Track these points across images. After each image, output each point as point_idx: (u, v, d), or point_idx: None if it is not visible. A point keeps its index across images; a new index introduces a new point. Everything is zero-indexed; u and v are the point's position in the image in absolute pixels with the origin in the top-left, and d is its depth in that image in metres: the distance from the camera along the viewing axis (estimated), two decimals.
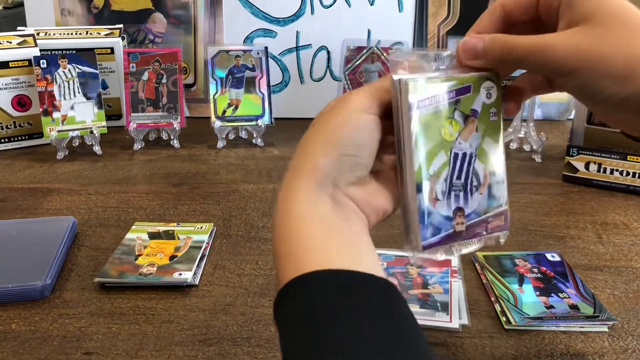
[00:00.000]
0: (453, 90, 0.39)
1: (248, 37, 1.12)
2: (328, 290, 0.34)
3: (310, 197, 0.38)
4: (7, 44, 0.96)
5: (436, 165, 0.39)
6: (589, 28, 0.36)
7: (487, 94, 0.41)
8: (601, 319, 0.52)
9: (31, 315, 0.55)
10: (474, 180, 0.41)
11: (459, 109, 0.40)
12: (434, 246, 0.40)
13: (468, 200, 0.41)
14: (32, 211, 0.75)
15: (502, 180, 0.42)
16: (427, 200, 0.39)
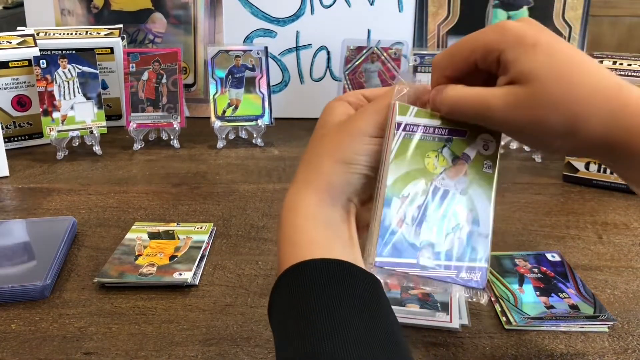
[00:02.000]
0: (446, 129, 0.40)
1: (248, 37, 1.12)
2: (323, 277, 0.36)
3: (320, 203, 0.40)
4: (7, 44, 0.96)
5: (412, 190, 0.40)
6: (526, 89, 0.36)
7: (485, 145, 0.41)
8: (601, 319, 0.52)
9: (31, 316, 0.55)
10: (453, 221, 0.40)
11: (449, 148, 0.40)
12: (390, 267, 0.39)
13: (442, 239, 0.40)
14: (32, 211, 0.75)
15: (486, 235, 0.40)
16: (393, 218, 0.39)
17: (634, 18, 1.23)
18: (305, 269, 0.36)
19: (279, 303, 0.37)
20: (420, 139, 0.40)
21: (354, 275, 0.36)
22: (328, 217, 0.40)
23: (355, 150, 0.40)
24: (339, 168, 0.40)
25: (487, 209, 0.40)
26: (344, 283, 0.35)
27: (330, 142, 0.41)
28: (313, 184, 0.40)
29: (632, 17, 1.23)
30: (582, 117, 0.35)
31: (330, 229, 0.39)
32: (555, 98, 0.35)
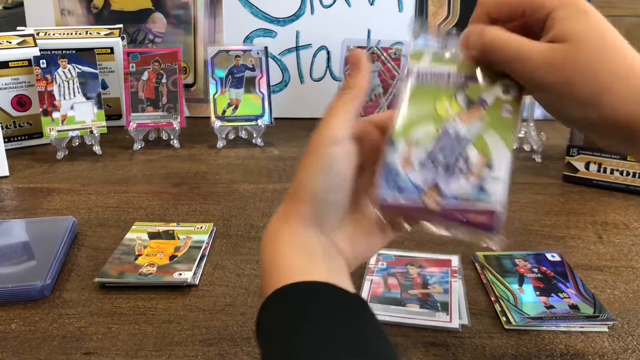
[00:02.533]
0: (462, 75, 0.40)
1: (248, 37, 1.12)
2: (304, 299, 0.35)
3: (295, 234, 0.40)
4: (7, 43, 0.96)
5: (420, 133, 0.39)
6: (566, 48, 0.36)
7: (505, 89, 0.40)
8: (601, 319, 0.52)
9: (31, 315, 0.55)
10: (463, 163, 0.39)
11: (465, 94, 0.39)
12: (393, 208, 0.39)
13: (449, 181, 0.39)
14: (32, 211, 0.75)
15: (500, 178, 0.39)
16: (398, 159, 0.39)
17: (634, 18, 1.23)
18: (288, 292, 0.36)
19: (266, 325, 0.37)
20: (433, 85, 0.40)
21: (331, 295, 0.36)
22: (305, 245, 0.39)
23: (319, 171, 0.39)
24: (308, 196, 0.40)
25: (504, 153, 0.39)
26: (326, 303, 0.35)
27: (301, 168, 0.41)
28: (290, 217, 0.40)
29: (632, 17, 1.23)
30: (612, 90, 0.36)
31: (310, 253, 0.39)
32: (591, 64, 0.36)
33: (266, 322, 0.36)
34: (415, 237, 0.68)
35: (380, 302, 0.55)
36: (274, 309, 0.36)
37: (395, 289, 0.57)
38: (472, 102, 0.39)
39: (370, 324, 0.36)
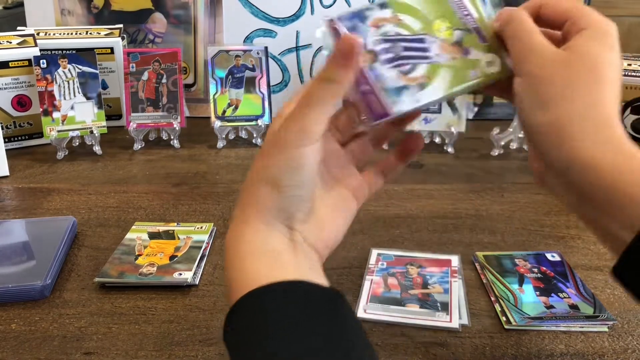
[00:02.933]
0: (476, 24, 0.43)
1: (248, 37, 1.12)
2: (275, 302, 0.34)
3: (258, 233, 0.38)
4: (7, 43, 0.96)
5: (408, 20, 0.42)
6: (564, 54, 0.38)
7: (490, 62, 0.42)
8: (601, 318, 0.52)
9: (31, 315, 0.55)
10: (409, 67, 0.41)
11: (463, 37, 0.42)
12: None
13: (387, 66, 0.41)
14: (32, 211, 0.75)
15: (419, 101, 0.41)
16: (375, 16, 0.42)
17: (634, 18, 1.23)
18: (253, 299, 0.35)
19: (233, 336, 0.35)
20: (453, 6, 0.42)
21: (310, 295, 0.35)
22: (272, 247, 0.38)
23: (281, 168, 0.37)
24: (268, 190, 0.38)
25: (438, 92, 0.41)
26: (300, 304, 0.34)
27: (259, 162, 0.39)
28: (250, 217, 0.39)
29: (632, 17, 1.23)
30: (572, 113, 0.36)
31: (276, 256, 0.37)
32: (572, 77, 0.37)
33: (233, 333, 0.35)
34: (415, 238, 0.68)
35: (380, 302, 0.55)
36: (240, 319, 0.35)
37: (395, 289, 0.57)
38: (459, 44, 0.42)
39: (344, 319, 0.34)
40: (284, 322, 0.33)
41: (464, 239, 0.67)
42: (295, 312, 0.33)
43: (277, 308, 0.34)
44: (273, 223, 0.38)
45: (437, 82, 0.41)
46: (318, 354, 0.31)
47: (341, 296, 0.36)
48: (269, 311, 0.34)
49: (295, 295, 0.35)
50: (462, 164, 0.89)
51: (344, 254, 0.64)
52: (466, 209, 0.75)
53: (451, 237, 0.67)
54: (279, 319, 0.33)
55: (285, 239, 0.38)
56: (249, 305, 0.35)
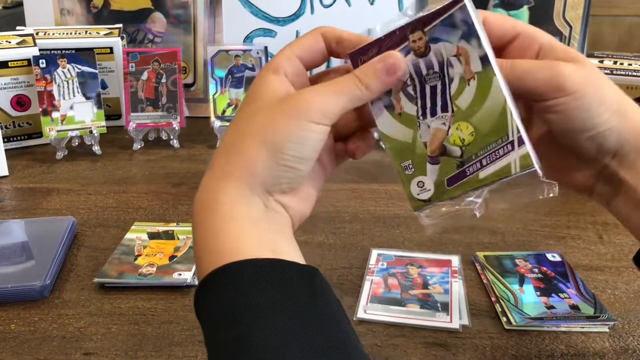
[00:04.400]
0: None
1: (248, 37, 1.11)
2: (251, 279, 0.32)
3: (240, 199, 0.35)
4: (7, 43, 0.96)
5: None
6: (583, 65, 0.38)
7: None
8: (602, 319, 0.52)
9: (30, 316, 0.55)
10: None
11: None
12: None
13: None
14: (32, 211, 0.75)
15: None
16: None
17: (635, 18, 1.23)
18: (233, 272, 0.33)
19: (209, 310, 0.34)
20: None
21: (284, 272, 0.33)
22: (249, 213, 0.35)
23: (288, 136, 0.35)
24: (265, 154, 0.35)
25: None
26: (273, 282, 0.33)
27: (262, 119, 0.36)
28: (234, 173, 0.36)
29: (633, 17, 1.22)
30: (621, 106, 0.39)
31: (254, 225, 0.35)
32: (604, 77, 0.39)
33: (210, 307, 0.33)
34: (415, 238, 0.68)
35: (381, 302, 0.55)
36: (217, 294, 0.33)
37: (396, 289, 0.57)
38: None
39: (320, 300, 0.33)
40: (262, 304, 0.31)
41: (464, 239, 0.67)
42: (273, 294, 0.32)
43: (256, 287, 0.32)
44: (257, 188, 0.36)
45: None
46: (295, 337, 0.30)
47: (317, 274, 0.34)
48: (247, 291, 0.32)
49: (273, 275, 0.33)
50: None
51: (344, 254, 0.64)
52: None
53: (451, 237, 0.67)
54: (256, 300, 0.32)
55: (262, 205, 0.36)
56: (228, 279, 0.33)
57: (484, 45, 0.36)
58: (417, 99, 0.39)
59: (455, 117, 0.37)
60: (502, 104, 0.36)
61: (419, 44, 0.38)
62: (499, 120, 0.36)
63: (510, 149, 0.36)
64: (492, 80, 0.36)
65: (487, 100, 0.36)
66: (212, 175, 0.37)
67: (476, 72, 0.36)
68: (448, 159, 0.38)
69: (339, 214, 0.73)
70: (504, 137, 0.36)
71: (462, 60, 0.37)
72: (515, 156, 0.36)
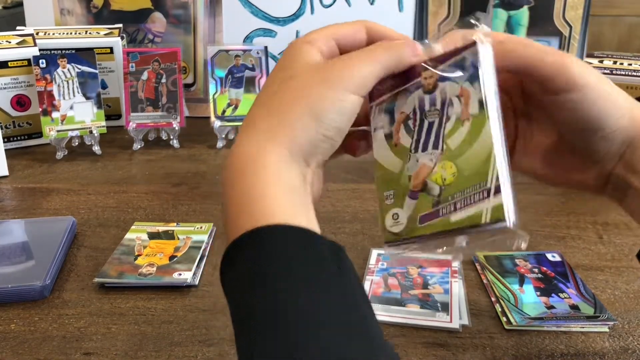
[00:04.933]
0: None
1: (248, 37, 1.11)
2: (289, 245, 0.32)
3: (282, 164, 0.34)
4: (7, 43, 0.96)
5: None
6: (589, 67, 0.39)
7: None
8: (602, 319, 0.52)
9: (30, 316, 0.55)
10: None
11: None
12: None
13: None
14: (32, 211, 0.75)
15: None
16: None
17: (635, 18, 1.23)
18: (268, 235, 0.32)
19: (235, 275, 0.33)
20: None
21: (318, 244, 0.33)
22: (290, 180, 0.34)
23: (330, 105, 0.35)
24: (310, 124, 0.35)
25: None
26: (309, 252, 0.32)
27: (303, 88, 0.36)
28: (277, 137, 0.35)
29: (633, 17, 1.22)
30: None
31: (294, 193, 0.34)
32: (612, 87, 0.39)
33: (245, 266, 0.32)
34: None
35: (381, 302, 0.55)
36: (254, 250, 0.32)
37: (396, 289, 0.57)
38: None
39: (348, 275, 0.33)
40: (294, 270, 0.31)
41: None
42: (306, 262, 0.31)
43: (297, 255, 0.31)
44: (297, 156, 0.35)
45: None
46: (326, 307, 0.30)
47: (344, 251, 0.34)
48: (283, 254, 0.31)
49: (307, 244, 0.32)
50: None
51: None
52: None
53: None
54: (295, 269, 0.31)
55: (301, 175, 0.35)
56: (264, 239, 0.32)
57: (485, 89, 0.36)
58: (414, 133, 0.39)
59: (443, 156, 0.37)
60: (489, 150, 0.35)
61: (430, 81, 0.38)
62: (482, 165, 0.35)
63: (485, 197, 0.34)
64: (485, 125, 0.35)
65: (475, 144, 0.35)
66: (252, 135, 0.36)
67: (472, 115, 0.36)
68: (426, 196, 0.37)
69: (339, 214, 0.73)
70: (482, 183, 0.34)
71: (462, 100, 0.37)
72: (488, 205, 0.34)
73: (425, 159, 0.38)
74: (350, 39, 0.40)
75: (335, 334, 0.29)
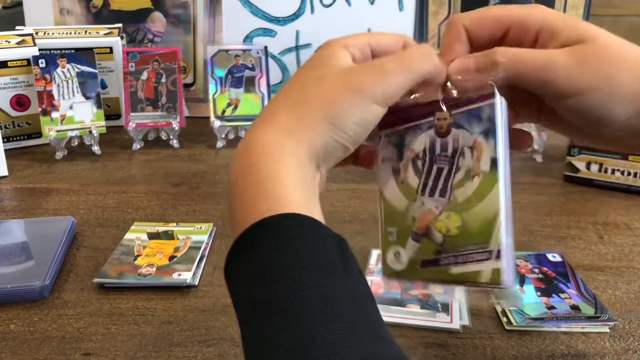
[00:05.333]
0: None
1: (247, 37, 1.11)
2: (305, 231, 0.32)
3: (299, 161, 0.35)
4: (6, 43, 0.96)
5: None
6: (589, 46, 0.35)
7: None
8: (602, 319, 0.52)
9: (30, 316, 0.54)
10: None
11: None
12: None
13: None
14: (31, 211, 0.75)
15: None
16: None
17: (635, 17, 1.23)
18: (287, 221, 0.32)
19: (246, 260, 0.32)
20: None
21: (326, 237, 0.33)
22: (305, 177, 0.35)
23: (352, 116, 0.35)
24: (328, 129, 0.35)
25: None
26: (316, 240, 0.32)
27: (330, 91, 0.35)
28: (297, 135, 0.35)
29: (634, 17, 1.22)
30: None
31: (308, 190, 0.35)
32: (621, 54, 0.35)
33: (266, 250, 0.31)
34: None
35: (381, 303, 0.55)
36: (271, 234, 0.31)
37: (396, 289, 0.57)
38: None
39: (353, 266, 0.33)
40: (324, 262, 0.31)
41: None
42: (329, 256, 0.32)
43: (315, 245, 0.32)
44: (313, 156, 0.35)
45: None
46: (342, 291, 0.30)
47: (347, 244, 0.34)
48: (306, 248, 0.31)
49: (323, 234, 0.32)
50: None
51: None
52: None
53: None
54: (320, 259, 0.31)
55: (313, 174, 0.36)
56: (285, 226, 0.32)
57: (499, 149, 0.35)
58: (422, 175, 0.39)
59: (450, 206, 0.37)
60: (495, 212, 0.35)
61: (443, 123, 0.38)
62: (486, 226, 0.35)
63: (487, 258, 0.35)
64: (494, 186, 0.35)
65: (482, 203, 0.36)
66: (273, 127, 0.36)
67: (483, 171, 0.36)
68: (429, 242, 0.38)
69: (339, 214, 0.73)
70: (485, 244, 0.35)
71: (475, 154, 0.36)
72: (489, 267, 0.35)
73: (432, 205, 0.38)
74: (388, 49, 0.39)
75: (352, 332, 0.29)
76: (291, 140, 0.35)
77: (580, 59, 0.35)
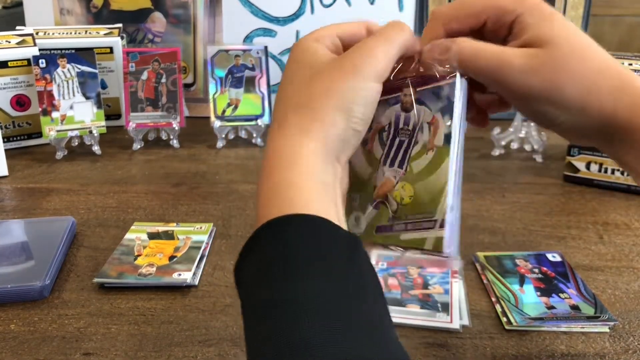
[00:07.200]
0: None
1: (248, 37, 1.11)
2: (317, 232, 0.32)
3: (317, 160, 0.35)
4: (6, 43, 0.96)
5: None
6: (546, 52, 0.36)
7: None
8: (602, 319, 0.52)
9: (30, 316, 0.54)
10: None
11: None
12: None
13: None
14: (31, 211, 0.75)
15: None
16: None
17: (635, 17, 1.23)
18: (291, 222, 0.32)
19: (249, 262, 0.33)
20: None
21: (340, 238, 0.33)
22: (323, 175, 0.35)
23: (355, 97, 0.36)
24: (339, 117, 0.36)
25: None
26: (329, 242, 0.33)
27: (331, 82, 0.36)
28: (311, 133, 0.35)
29: (634, 17, 1.22)
30: (594, 90, 0.35)
31: (325, 189, 0.35)
32: (573, 66, 0.35)
33: (275, 249, 0.32)
34: None
35: None
36: (284, 235, 0.32)
37: (396, 289, 0.57)
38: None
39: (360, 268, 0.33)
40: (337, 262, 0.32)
41: (464, 239, 0.67)
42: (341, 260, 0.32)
43: (325, 246, 0.32)
44: (330, 151, 0.36)
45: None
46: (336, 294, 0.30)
47: (360, 243, 0.34)
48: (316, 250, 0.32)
49: (327, 235, 0.33)
50: (463, 163, 0.89)
51: None
52: (467, 209, 0.74)
53: None
54: (330, 258, 0.32)
55: (333, 172, 0.36)
56: (297, 228, 0.32)
57: (454, 126, 0.38)
58: (385, 146, 0.41)
59: (405, 176, 0.40)
60: (444, 184, 0.38)
61: (408, 99, 0.40)
62: (435, 197, 0.38)
63: (431, 227, 0.38)
64: (446, 160, 0.38)
65: (433, 175, 0.39)
66: (286, 129, 0.36)
67: (437, 146, 0.39)
68: (386, 209, 0.41)
69: None
70: (432, 214, 0.38)
71: (432, 129, 0.39)
72: (433, 235, 0.38)
73: (390, 174, 0.41)
74: (354, 37, 0.40)
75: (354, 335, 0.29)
76: (307, 139, 0.35)
77: (534, 65, 0.36)
